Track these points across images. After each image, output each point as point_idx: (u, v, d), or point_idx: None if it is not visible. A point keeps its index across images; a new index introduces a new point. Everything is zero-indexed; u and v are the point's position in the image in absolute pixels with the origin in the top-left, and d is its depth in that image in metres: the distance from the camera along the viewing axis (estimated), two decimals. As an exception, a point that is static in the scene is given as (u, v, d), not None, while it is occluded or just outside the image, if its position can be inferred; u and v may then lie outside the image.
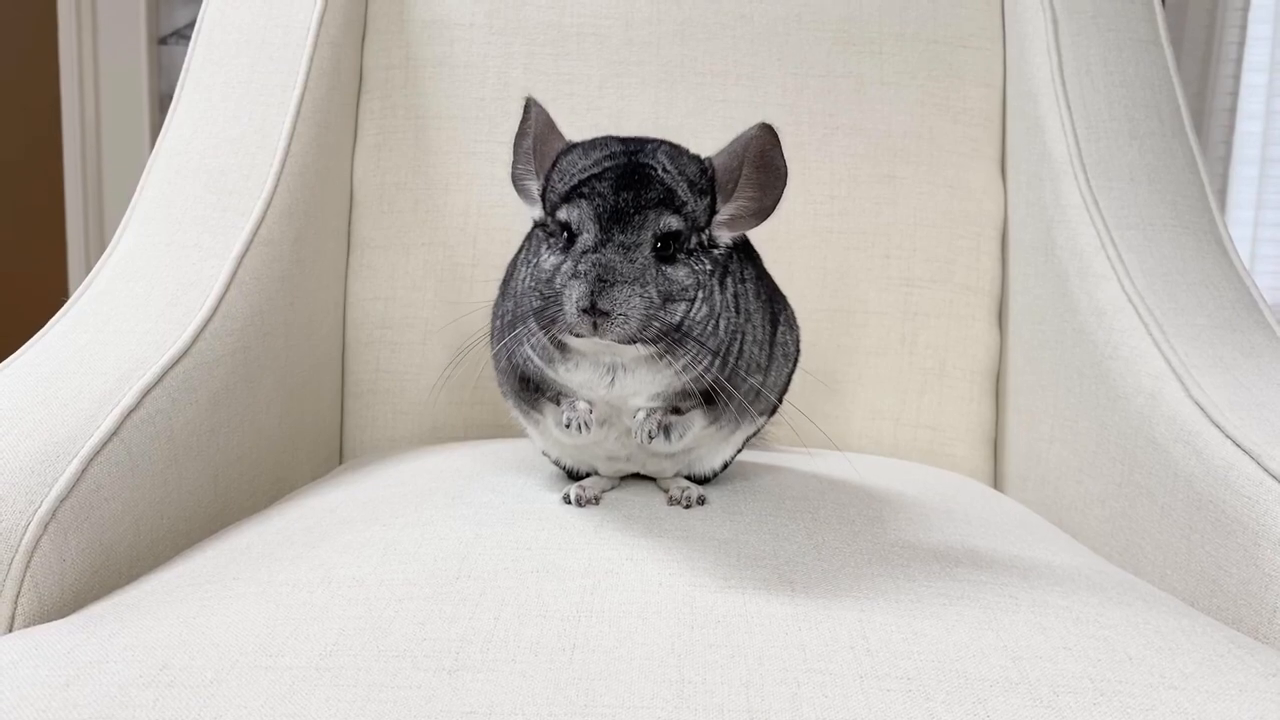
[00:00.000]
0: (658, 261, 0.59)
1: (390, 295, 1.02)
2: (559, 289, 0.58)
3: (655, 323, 0.58)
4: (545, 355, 0.63)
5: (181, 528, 0.70)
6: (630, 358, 0.61)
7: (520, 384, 0.68)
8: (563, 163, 0.63)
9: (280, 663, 0.49)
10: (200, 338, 0.75)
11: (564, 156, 0.63)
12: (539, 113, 0.65)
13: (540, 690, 0.47)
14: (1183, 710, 0.48)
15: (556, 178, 0.62)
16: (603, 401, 0.64)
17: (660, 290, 0.59)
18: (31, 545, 0.58)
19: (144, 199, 0.88)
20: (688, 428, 0.65)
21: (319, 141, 0.95)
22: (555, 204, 0.61)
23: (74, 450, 0.62)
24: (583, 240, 0.59)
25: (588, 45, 1.05)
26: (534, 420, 0.70)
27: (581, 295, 0.57)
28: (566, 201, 0.60)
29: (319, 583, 0.56)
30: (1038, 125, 1.02)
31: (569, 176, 0.61)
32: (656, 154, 0.62)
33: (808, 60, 1.06)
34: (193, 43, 0.99)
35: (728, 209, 0.63)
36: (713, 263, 0.63)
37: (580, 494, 0.68)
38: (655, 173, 0.61)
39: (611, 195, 0.59)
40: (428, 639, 0.51)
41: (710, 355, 0.61)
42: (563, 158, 0.63)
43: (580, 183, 0.60)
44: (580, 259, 0.58)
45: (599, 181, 0.60)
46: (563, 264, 0.59)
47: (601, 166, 0.61)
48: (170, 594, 0.58)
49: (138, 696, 0.47)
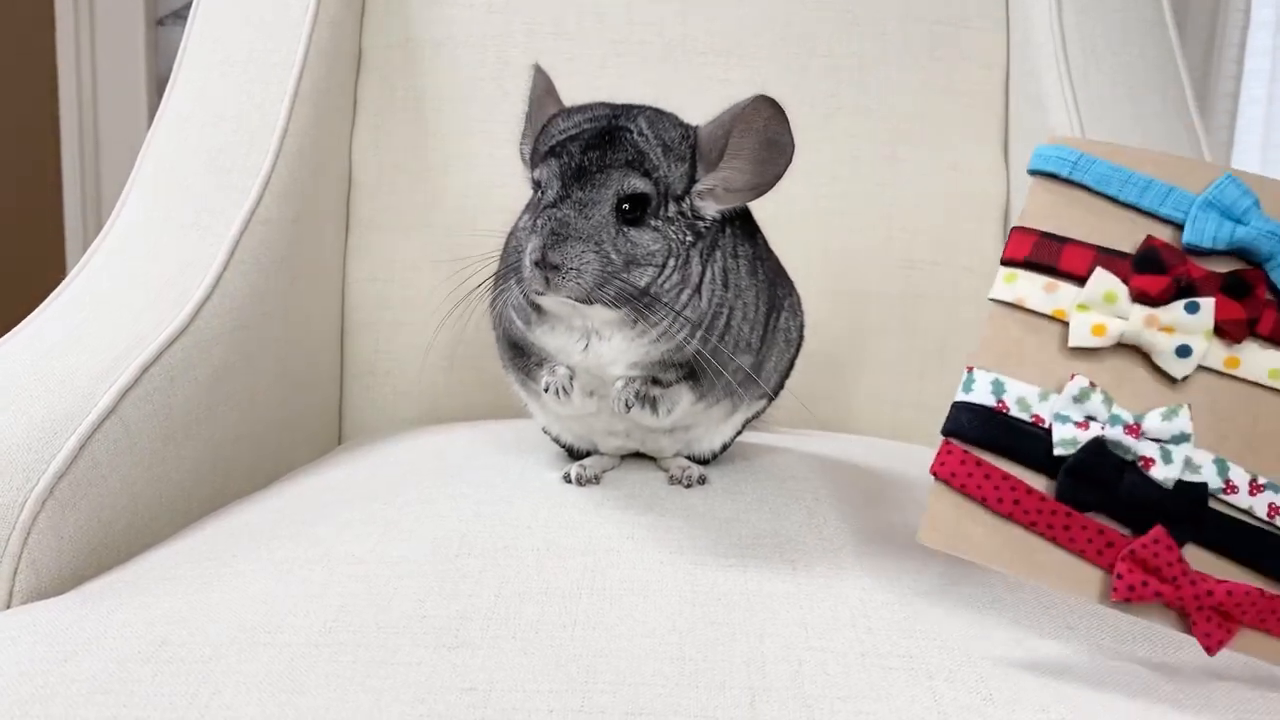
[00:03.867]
0: (623, 223, 0.59)
1: (389, 276, 1.01)
2: (521, 245, 0.59)
3: (615, 282, 0.58)
4: (524, 316, 0.64)
5: (180, 506, 0.70)
6: (600, 321, 0.61)
7: (513, 351, 0.69)
8: (550, 126, 0.63)
9: (279, 639, 0.48)
10: (198, 316, 0.75)
11: (552, 120, 0.64)
12: (540, 79, 0.67)
13: (541, 667, 0.47)
14: (1183, 692, 0.48)
15: (541, 140, 0.63)
16: (582, 369, 0.63)
17: (621, 252, 0.59)
18: (29, 522, 0.57)
19: (141, 178, 0.88)
20: (675, 402, 0.65)
21: (318, 121, 0.95)
22: (534, 164, 0.62)
23: (71, 427, 0.62)
24: (544, 197, 0.60)
25: (588, 24, 1.04)
26: (532, 392, 0.70)
27: (534, 248, 0.57)
28: (542, 161, 0.61)
29: (318, 560, 0.56)
30: (1041, 106, 1.01)
31: (550, 138, 0.62)
32: (637, 118, 0.62)
33: (810, 40, 1.05)
34: (190, 22, 0.98)
35: (710, 178, 0.62)
36: (694, 233, 0.62)
37: (581, 473, 0.67)
38: (630, 135, 0.60)
39: (579, 155, 0.60)
40: (428, 616, 0.50)
41: (689, 325, 0.61)
42: (551, 121, 0.64)
43: (557, 144, 0.61)
44: (539, 214, 0.59)
45: (572, 142, 0.60)
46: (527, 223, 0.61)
47: (580, 128, 0.61)
48: (169, 571, 0.57)
49: (136, 672, 0.46)
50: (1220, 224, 0.47)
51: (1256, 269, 0.47)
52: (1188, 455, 0.47)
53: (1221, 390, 0.48)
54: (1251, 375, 0.48)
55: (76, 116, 2.15)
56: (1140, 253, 0.48)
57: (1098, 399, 0.48)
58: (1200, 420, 0.47)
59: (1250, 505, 0.47)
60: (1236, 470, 0.47)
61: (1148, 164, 0.49)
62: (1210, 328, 0.47)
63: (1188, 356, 0.47)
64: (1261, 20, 1.98)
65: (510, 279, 0.62)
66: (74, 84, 2.15)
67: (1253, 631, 0.46)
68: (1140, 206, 0.49)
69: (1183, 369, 0.48)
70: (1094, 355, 0.49)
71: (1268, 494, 0.47)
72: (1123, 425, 0.47)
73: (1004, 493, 0.48)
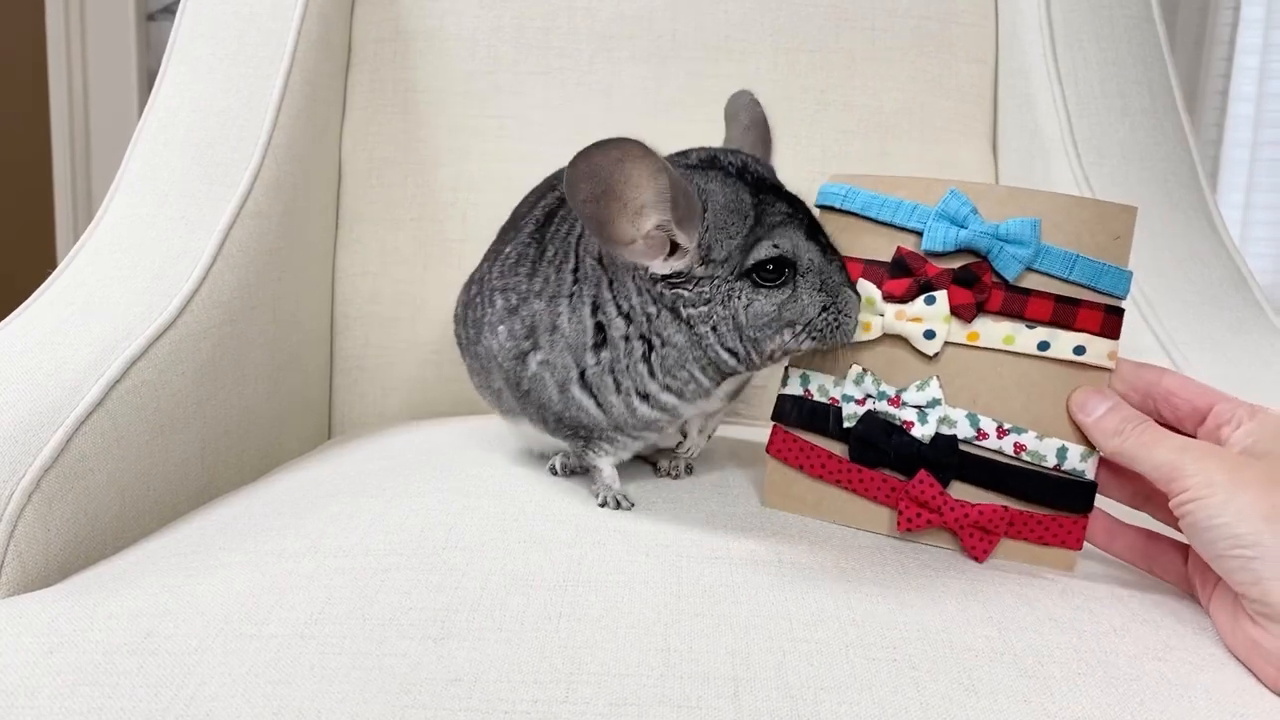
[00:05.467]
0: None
1: (380, 270, 1.01)
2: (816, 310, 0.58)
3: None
4: (691, 393, 0.62)
5: (168, 499, 0.70)
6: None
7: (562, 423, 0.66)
8: (721, 203, 0.58)
9: (265, 630, 0.49)
10: (187, 309, 0.75)
11: (714, 199, 0.58)
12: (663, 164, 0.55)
13: (526, 658, 0.47)
14: (1166, 680, 0.48)
15: (724, 220, 0.58)
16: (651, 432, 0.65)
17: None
18: (15, 514, 0.57)
19: (130, 171, 0.88)
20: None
21: (307, 114, 0.95)
22: (742, 246, 0.58)
23: (58, 420, 0.62)
24: (809, 259, 0.58)
25: (578, 19, 1.04)
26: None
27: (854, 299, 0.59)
28: (759, 239, 0.58)
29: (305, 552, 0.56)
30: (1029, 102, 1.02)
31: (742, 215, 0.58)
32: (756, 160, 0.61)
33: (799, 35, 1.05)
34: (179, 14, 0.98)
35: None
36: None
37: (565, 463, 0.68)
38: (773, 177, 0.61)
39: (799, 210, 0.59)
40: (414, 608, 0.50)
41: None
42: (714, 201, 0.58)
43: (758, 214, 0.58)
44: (828, 274, 0.58)
45: (771, 204, 0.58)
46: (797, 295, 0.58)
47: (757, 194, 0.59)
48: (156, 563, 0.57)
49: (121, 664, 0.46)
50: (948, 230, 0.58)
51: (982, 261, 0.57)
52: (944, 414, 0.59)
53: (968, 359, 0.59)
54: (990, 344, 0.58)
55: (67, 111, 2.15)
56: (893, 261, 0.59)
57: (869, 380, 0.60)
58: (953, 385, 0.59)
59: (1000, 446, 0.58)
60: (986, 420, 0.58)
61: (899, 188, 0.60)
62: (947, 313, 0.58)
63: (933, 338, 0.59)
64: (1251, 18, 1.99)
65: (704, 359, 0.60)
66: (64, 79, 2.14)
67: (1011, 541, 0.59)
68: (894, 223, 0.60)
69: (932, 348, 0.59)
70: (868, 346, 0.60)
71: (1012, 436, 0.58)
72: (887, 399, 0.60)
73: (815, 460, 0.62)
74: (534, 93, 1.04)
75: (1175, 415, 0.57)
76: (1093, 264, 0.57)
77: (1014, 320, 0.58)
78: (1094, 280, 0.57)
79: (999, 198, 0.58)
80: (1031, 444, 0.58)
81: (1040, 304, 0.57)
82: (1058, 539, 0.58)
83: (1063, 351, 0.57)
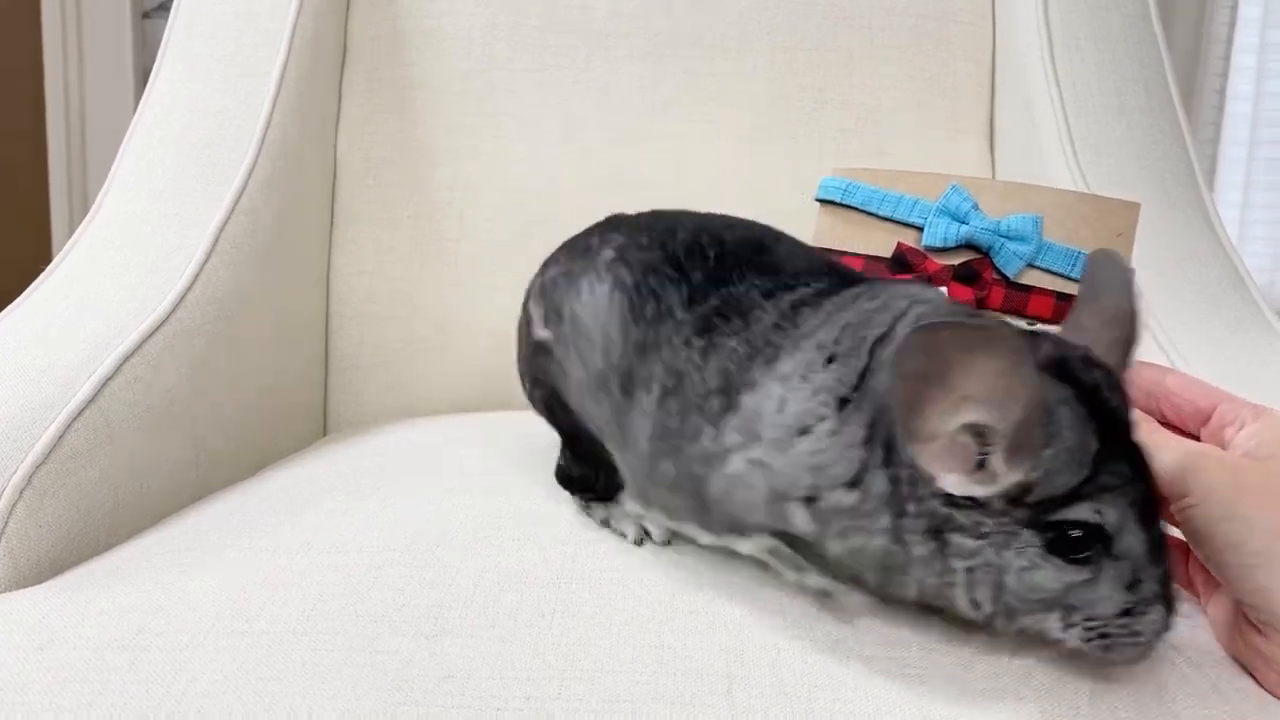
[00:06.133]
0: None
1: (375, 269, 1.01)
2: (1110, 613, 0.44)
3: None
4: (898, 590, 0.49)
5: (161, 497, 0.70)
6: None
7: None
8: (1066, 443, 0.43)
9: (257, 627, 0.48)
10: (180, 306, 0.74)
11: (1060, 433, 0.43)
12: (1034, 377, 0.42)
13: (519, 655, 0.47)
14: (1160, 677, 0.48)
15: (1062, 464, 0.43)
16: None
17: None
18: (7, 511, 0.57)
19: (124, 168, 0.87)
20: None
21: (302, 112, 0.94)
22: (1060, 499, 0.43)
23: (50, 417, 0.61)
24: (1127, 548, 0.44)
25: (574, 17, 1.04)
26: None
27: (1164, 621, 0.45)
28: (1084, 497, 0.43)
29: (298, 549, 0.56)
30: (1026, 101, 1.02)
31: (1080, 462, 0.43)
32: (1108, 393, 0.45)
33: (796, 34, 1.05)
34: (174, 12, 0.98)
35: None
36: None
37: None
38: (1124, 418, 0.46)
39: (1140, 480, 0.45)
40: (407, 604, 0.50)
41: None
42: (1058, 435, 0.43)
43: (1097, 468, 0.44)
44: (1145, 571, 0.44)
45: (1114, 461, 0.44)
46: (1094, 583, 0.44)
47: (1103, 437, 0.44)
48: (148, 560, 0.57)
49: (112, 660, 0.46)
50: (949, 225, 0.57)
51: (984, 257, 0.57)
52: None
53: None
54: None
55: (63, 109, 2.15)
56: (893, 256, 0.59)
57: None
58: None
59: None
60: None
61: (900, 183, 0.59)
62: None
63: None
64: (1248, 17, 1.99)
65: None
66: (60, 77, 2.14)
67: None
68: (895, 218, 0.59)
69: None
70: None
71: None
72: None
73: None
74: (530, 91, 1.04)
75: (1178, 415, 0.56)
76: (1083, 255, 0.57)
77: (1015, 317, 0.57)
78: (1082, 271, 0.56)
79: (1000, 193, 0.58)
80: None
81: (1041, 301, 0.57)
82: None
83: None
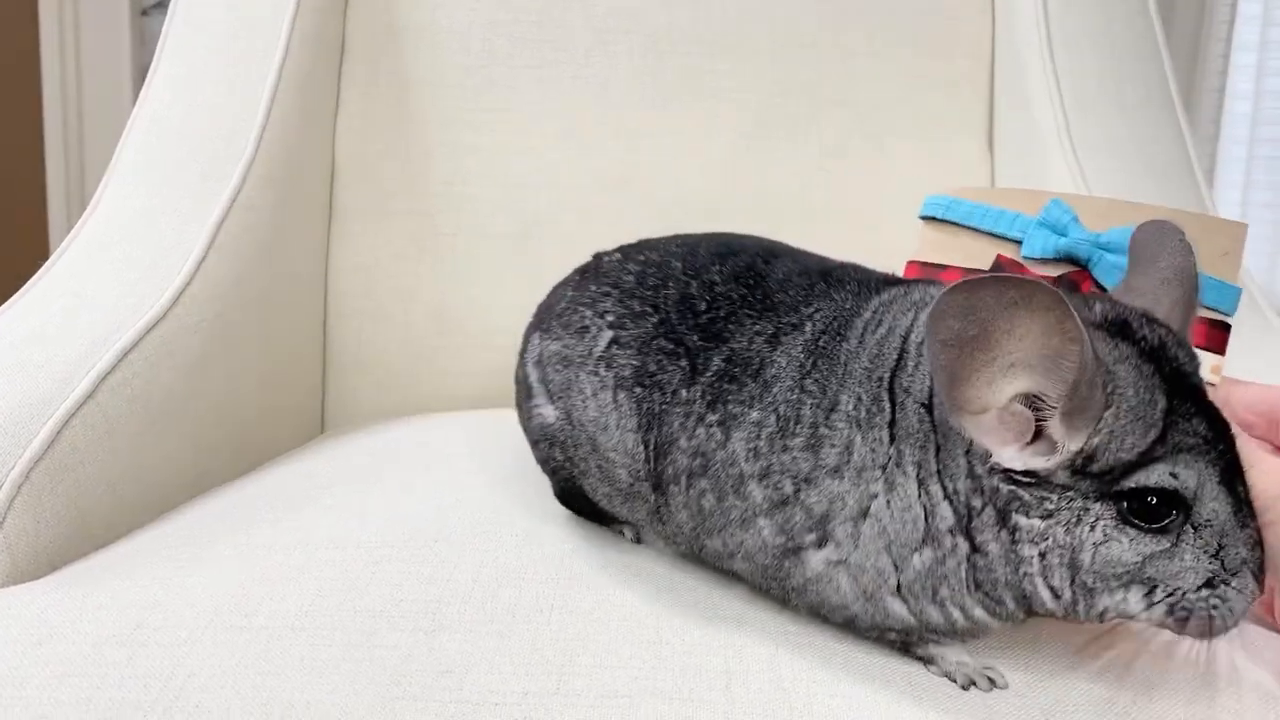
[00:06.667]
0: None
1: (373, 264, 1.01)
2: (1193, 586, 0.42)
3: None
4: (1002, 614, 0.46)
5: (159, 493, 0.70)
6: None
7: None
8: (1128, 403, 0.41)
9: (255, 622, 0.48)
10: (179, 302, 0.74)
11: (1123, 393, 0.41)
12: (1086, 335, 0.40)
13: (517, 650, 0.47)
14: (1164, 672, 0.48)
15: (1126, 426, 0.41)
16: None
17: None
18: (5, 506, 0.57)
19: (122, 164, 0.87)
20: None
21: (300, 108, 0.94)
22: (1130, 463, 0.41)
23: (48, 413, 0.61)
24: (1211, 514, 0.42)
25: (573, 12, 1.04)
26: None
27: (1253, 590, 0.42)
28: (1157, 459, 0.41)
29: (296, 545, 0.56)
30: (1026, 98, 1.02)
31: (1148, 423, 0.41)
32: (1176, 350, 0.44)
33: (796, 30, 1.05)
34: (172, 8, 0.97)
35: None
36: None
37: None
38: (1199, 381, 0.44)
39: (1221, 440, 0.42)
40: (404, 600, 0.50)
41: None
42: (1121, 395, 0.41)
43: (1166, 427, 0.42)
44: (1229, 543, 0.42)
45: (1188, 420, 0.42)
46: (1174, 553, 0.42)
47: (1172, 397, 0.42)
48: (146, 556, 0.57)
49: (111, 655, 0.46)
50: (1048, 237, 0.57)
51: (1083, 270, 0.57)
52: None
53: None
54: None
55: (60, 106, 2.14)
56: (991, 268, 0.59)
57: None
58: None
59: None
60: None
61: (999, 199, 0.60)
62: None
63: None
64: (1248, 14, 1.99)
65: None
66: (58, 74, 2.14)
67: None
68: (995, 232, 0.60)
69: None
70: None
71: None
72: None
73: None
74: (529, 87, 1.04)
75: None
76: (1200, 277, 0.54)
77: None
78: (1200, 294, 0.53)
79: (1102, 211, 0.57)
80: None
81: None
82: None
83: None
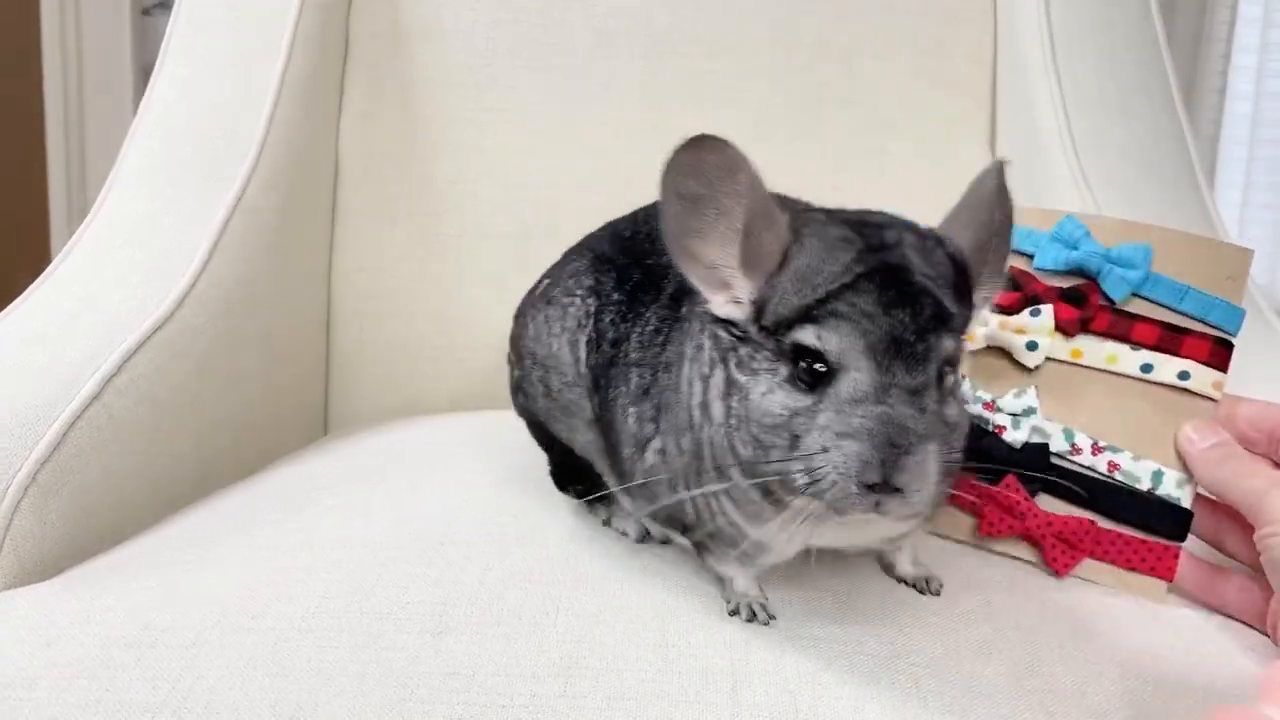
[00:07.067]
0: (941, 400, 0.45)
1: (376, 266, 1.01)
2: (817, 447, 0.43)
3: (948, 481, 0.45)
4: (752, 513, 0.48)
5: (164, 494, 0.70)
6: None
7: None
8: (797, 264, 0.45)
9: (262, 624, 0.48)
10: (183, 304, 0.74)
11: (798, 256, 0.45)
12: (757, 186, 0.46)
13: (524, 652, 0.47)
14: (1162, 676, 0.48)
15: (789, 284, 0.45)
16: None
17: (949, 442, 0.45)
18: (12, 508, 0.57)
19: (126, 166, 0.87)
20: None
21: (304, 109, 0.94)
22: (788, 320, 0.45)
23: (54, 414, 0.61)
24: (852, 382, 0.43)
25: (574, 13, 1.04)
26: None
27: (868, 468, 0.41)
28: (812, 321, 0.44)
29: (302, 546, 0.56)
30: (1027, 100, 1.02)
31: (811, 285, 0.44)
32: (905, 250, 0.46)
33: (797, 31, 1.05)
34: (175, 9, 0.98)
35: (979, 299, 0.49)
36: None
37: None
38: (916, 279, 0.45)
39: (884, 318, 0.43)
40: (411, 602, 0.50)
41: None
42: (796, 257, 0.45)
43: (829, 294, 0.44)
44: (854, 411, 0.42)
45: (856, 295, 0.44)
46: (814, 412, 0.43)
47: (853, 273, 0.44)
48: (152, 557, 0.57)
49: (119, 656, 0.46)
50: (1059, 250, 0.59)
51: (1091, 282, 0.58)
52: (1036, 424, 0.58)
53: (1069, 375, 0.59)
54: (1092, 362, 0.58)
55: (62, 106, 2.14)
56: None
57: (967, 385, 0.60)
58: (1052, 398, 0.59)
59: (1093, 463, 0.58)
60: (1081, 436, 0.58)
61: (1018, 217, 0.59)
62: (1051, 327, 0.58)
63: (1035, 350, 0.59)
64: (1249, 16, 1.99)
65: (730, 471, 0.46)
66: (59, 74, 2.13)
67: (1096, 562, 0.57)
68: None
69: (1033, 359, 0.59)
70: (972, 355, 0.60)
71: (1107, 454, 0.58)
72: (981, 403, 0.59)
73: None
74: (531, 87, 1.04)
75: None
76: (1205, 297, 0.57)
77: (1118, 342, 0.58)
78: (1205, 313, 0.57)
79: (1114, 230, 0.59)
80: (1126, 464, 0.57)
81: (1147, 328, 0.57)
82: (1147, 565, 0.56)
83: (1166, 376, 0.57)
